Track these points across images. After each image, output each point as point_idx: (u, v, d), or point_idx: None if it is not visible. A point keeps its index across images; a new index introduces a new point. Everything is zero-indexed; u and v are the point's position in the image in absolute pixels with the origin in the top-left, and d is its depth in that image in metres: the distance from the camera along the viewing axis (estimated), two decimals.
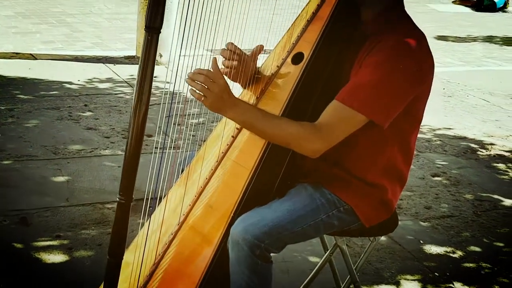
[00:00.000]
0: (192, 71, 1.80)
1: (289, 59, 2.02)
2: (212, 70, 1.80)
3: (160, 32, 1.57)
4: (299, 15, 2.14)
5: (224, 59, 2.05)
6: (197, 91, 1.79)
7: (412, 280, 2.81)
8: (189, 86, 1.80)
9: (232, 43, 2.05)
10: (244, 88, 2.12)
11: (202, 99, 1.79)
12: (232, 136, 2.02)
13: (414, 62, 1.81)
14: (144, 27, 1.57)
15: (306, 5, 2.13)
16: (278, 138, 1.85)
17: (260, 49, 2.07)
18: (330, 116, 1.81)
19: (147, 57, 1.56)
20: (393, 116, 1.83)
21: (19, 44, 6.50)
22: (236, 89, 2.16)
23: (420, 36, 1.86)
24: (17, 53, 6.07)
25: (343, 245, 2.08)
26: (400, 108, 1.83)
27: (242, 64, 2.05)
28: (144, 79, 1.57)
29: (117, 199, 1.62)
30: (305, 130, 1.81)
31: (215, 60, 1.82)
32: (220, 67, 2.00)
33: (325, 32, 1.96)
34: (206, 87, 1.78)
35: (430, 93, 1.94)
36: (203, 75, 1.78)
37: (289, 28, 2.13)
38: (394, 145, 1.94)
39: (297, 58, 1.99)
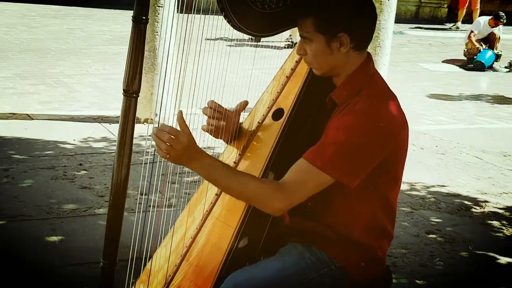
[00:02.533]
0: (157, 127, 1.79)
1: (269, 115, 2.06)
2: (179, 125, 1.79)
3: (138, 95, 1.60)
4: (279, 71, 2.19)
5: (206, 117, 2.08)
6: (162, 149, 1.76)
7: None
8: (155, 143, 1.78)
9: (213, 101, 2.08)
10: (227, 143, 2.15)
11: (167, 156, 1.77)
12: (216, 194, 2.04)
13: (380, 124, 1.83)
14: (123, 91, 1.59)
15: (285, 61, 2.18)
16: (241, 194, 1.85)
17: (244, 105, 2.11)
18: (295, 174, 1.82)
19: (126, 121, 1.58)
20: (359, 176, 1.83)
21: (16, 105, 6.57)
22: (220, 144, 2.19)
23: (388, 97, 1.89)
24: (13, 114, 6.12)
25: None
26: (368, 169, 1.84)
27: (225, 120, 2.08)
28: (124, 143, 1.58)
29: (101, 264, 1.61)
30: (268, 188, 1.82)
31: (180, 113, 1.80)
32: (203, 124, 2.03)
33: (304, 88, 2.01)
34: (168, 144, 1.75)
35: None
36: (166, 132, 1.76)
37: (269, 84, 2.18)
38: (374, 203, 1.95)
39: (277, 114, 2.04)
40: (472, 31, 11.28)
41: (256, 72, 2.32)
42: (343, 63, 1.90)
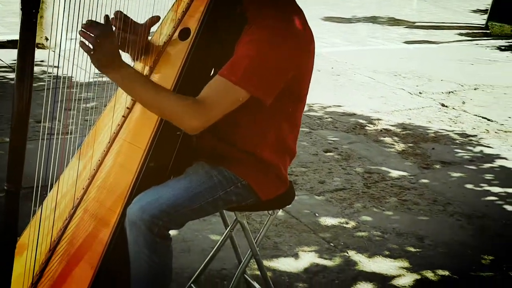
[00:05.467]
0: (86, 22, 1.72)
1: (176, 35, 2.01)
2: (106, 26, 1.75)
3: (38, 11, 1.51)
4: None
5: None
6: (87, 43, 1.71)
7: (309, 251, 2.92)
8: (80, 37, 1.73)
9: (120, 11, 1.98)
10: (133, 60, 2.09)
11: (91, 52, 1.72)
12: (123, 116, 1.99)
13: (290, 38, 1.84)
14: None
15: None
16: (158, 108, 1.82)
17: (154, 20, 2.03)
18: (210, 91, 1.81)
19: (26, 39, 1.50)
20: (274, 91, 1.85)
21: None
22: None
23: (295, 11, 1.89)
24: None
25: (243, 220, 2.12)
26: (281, 84, 1.86)
27: (132, 33, 2.00)
28: (24, 63, 1.51)
29: (5, 188, 1.56)
30: (185, 104, 1.79)
31: (107, 17, 1.76)
32: None
33: (210, 6, 1.97)
34: (98, 41, 1.71)
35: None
36: (98, 29, 1.72)
37: (174, 4, 2.11)
38: (281, 121, 1.98)
39: (184, 34, 1.99)
40: None
41: None
42: None
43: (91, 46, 1.72)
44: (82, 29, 1.72)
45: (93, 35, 1.72)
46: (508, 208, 3.53)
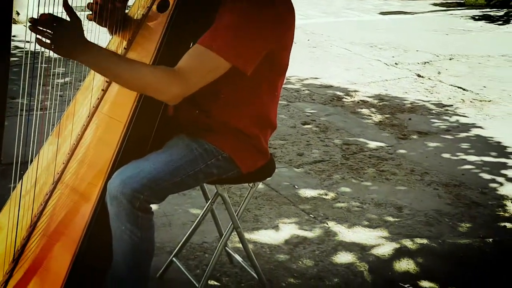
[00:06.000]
0: (35, 17, 1.62)
1: (154, 7, 1.98)
2: (66, 12, 1.66)
3: None
4: None
5: (91, 1, 1.95)
6: (46, 38, 1.63)
7: (289, 223, 2.93)
8: (36, 35, 1.64)
9: None
10: (111, 34, 2.05)
11: (52, 47, 1.64)
12: (102, 90, 1.96)
13: (270, 9, 1.82)
14: None
15: None
16: (134, 83, 1.76)
17: None
18: (190, 59, 1.78)
19: (3, 14, 1.47)
20: (254, 61, 1.83)
21: None
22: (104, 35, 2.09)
23: None
24: None
25: (224, 193, 2.12)
26: (261, 54, 1.84)
27: (109, 7, 1.95)
28: (2, 38, 1.48)
29: None
30: (163, 74, 1.74)
31: (65, 1, 1.68)
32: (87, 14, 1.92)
33: None
34: (56, 32, 1.62)
35: (296, 45, 1.98)
36: (50, 20, 1.62)
37: None
38: (262, 93, 1.97)
39: (162, 6, 1.96)
40: None
41: None
42: None
43: (48, 41, 1.63)
44: (34, 24, 1.62)
45: (47, 30, 1.62)
46: (484, 176, 3.58)
